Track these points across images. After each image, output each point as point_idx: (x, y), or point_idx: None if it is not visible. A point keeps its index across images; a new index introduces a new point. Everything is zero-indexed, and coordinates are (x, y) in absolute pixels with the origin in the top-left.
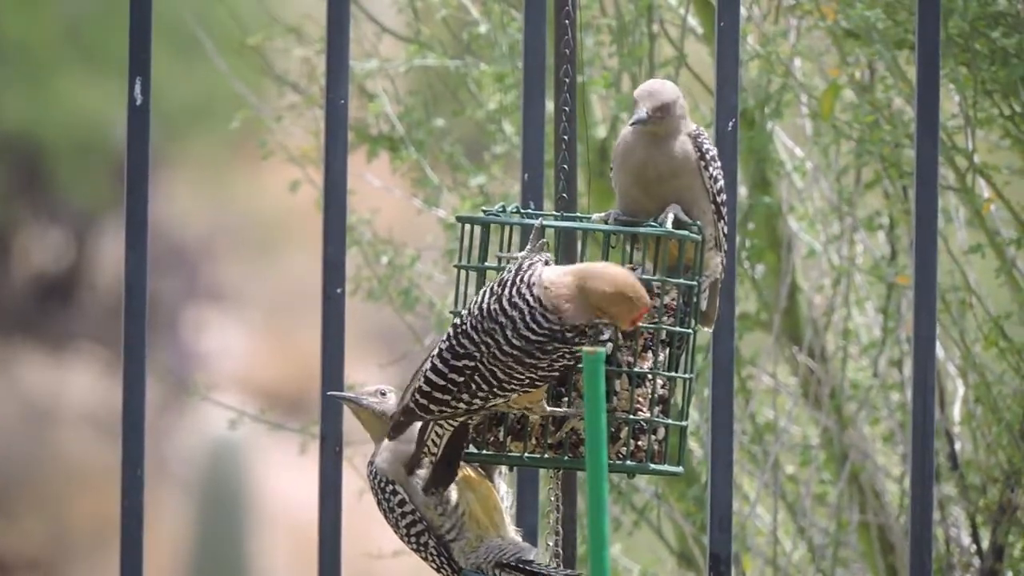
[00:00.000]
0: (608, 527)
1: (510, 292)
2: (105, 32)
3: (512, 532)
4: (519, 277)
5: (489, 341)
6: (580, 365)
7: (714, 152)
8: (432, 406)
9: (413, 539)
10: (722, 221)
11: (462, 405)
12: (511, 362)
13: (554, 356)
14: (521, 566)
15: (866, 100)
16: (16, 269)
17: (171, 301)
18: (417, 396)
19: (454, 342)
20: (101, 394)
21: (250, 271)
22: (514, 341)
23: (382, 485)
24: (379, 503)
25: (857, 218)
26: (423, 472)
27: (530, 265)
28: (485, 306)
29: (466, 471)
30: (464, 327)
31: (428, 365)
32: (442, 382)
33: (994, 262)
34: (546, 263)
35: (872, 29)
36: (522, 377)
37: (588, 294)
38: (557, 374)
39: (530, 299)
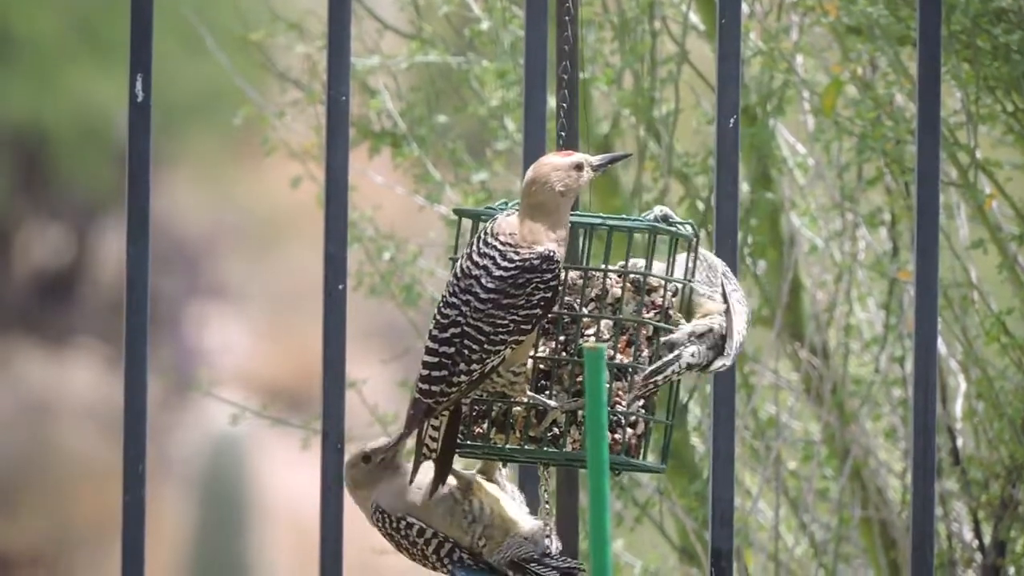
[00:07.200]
0: (609, 523)
1: (478, 246)
2: (111, 24)
3: (531, 523)
4: (480, 232)
5: (468, 297)
6: (575, 355)
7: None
8: (434, 387)
9: (446, 559)
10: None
11: (463, 377)
12: (491, 308)
13: (528, 289)
14: (530, 567)
15: (868, 96)
16: (17, 264)
17: (173, 297)
18: (419, 384)
19: (438, 317)
20: (102, 390)
21: (252, 267)
22: (489, 285)
23: (395, 525)
24: (398, 544)
25: (859, 214)
26: (421, 481)
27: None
28: (459, 270)
29: (476, 479)
30: (443, 300)
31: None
32: (435, 359)
33: (996, 258)
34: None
35: (874, 25)
36: (506, 322)
37: (528, 200)
38: (539, 311)
39: (491, 240)
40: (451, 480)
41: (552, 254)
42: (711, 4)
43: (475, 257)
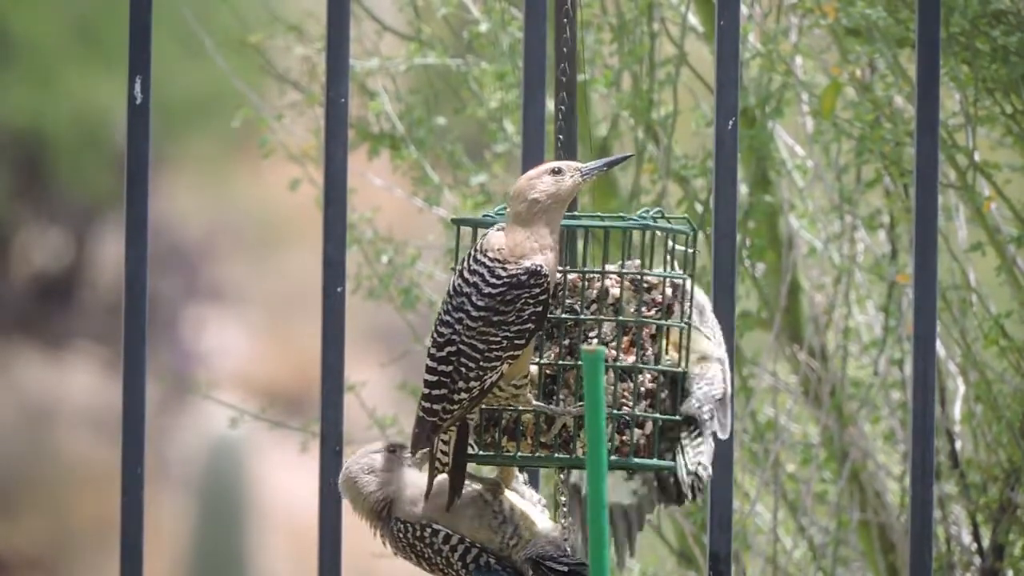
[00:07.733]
0: (607, 525)
1: (469, 263)
2: (110, 26)
3: (552, 527)
4: (472, 248)
5: (461, 315)
6: (580, 359)
7: None
8: (436, 405)
9: (472, 566)
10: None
11: (463, 394)
12: (482, 326)
13: (518, 305)
14: (546, 563)
15: (867, 98)
16: (16, 268)
17: (171, 300)
18: (421, 402)
19: (435, 336)
20: (101, 393)
21: (251, 270)
22: (479, 303)
23: (419, 533)
24: (420, 555)
25: (858, 216)
26: (440, 488)
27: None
28: (452, 288)
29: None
30: (438, 319)
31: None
32: (435, 378)
33: (995, 260)
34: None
35: (873, 27)
36: (498, 339)
37: (510, 212)
38: (532, 326)
39: (480, 256)
40: (477, 484)
41: (540, 269)
42: (710, 6)
43: (466, 274)
